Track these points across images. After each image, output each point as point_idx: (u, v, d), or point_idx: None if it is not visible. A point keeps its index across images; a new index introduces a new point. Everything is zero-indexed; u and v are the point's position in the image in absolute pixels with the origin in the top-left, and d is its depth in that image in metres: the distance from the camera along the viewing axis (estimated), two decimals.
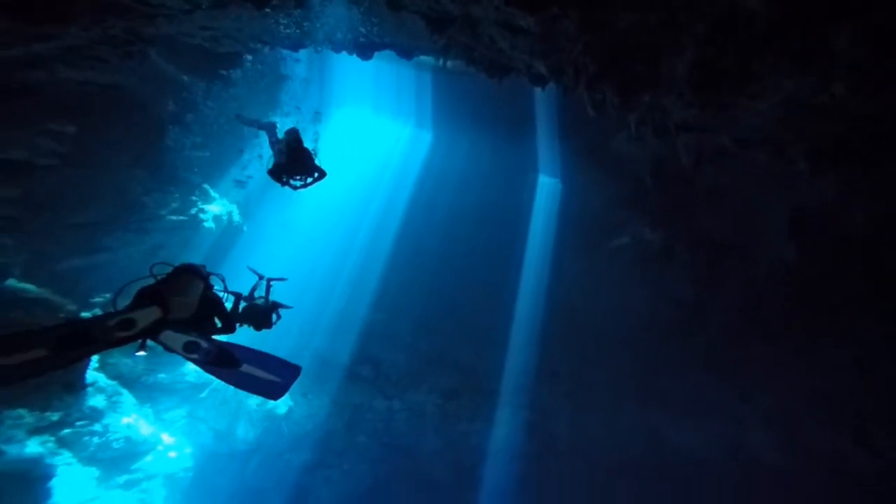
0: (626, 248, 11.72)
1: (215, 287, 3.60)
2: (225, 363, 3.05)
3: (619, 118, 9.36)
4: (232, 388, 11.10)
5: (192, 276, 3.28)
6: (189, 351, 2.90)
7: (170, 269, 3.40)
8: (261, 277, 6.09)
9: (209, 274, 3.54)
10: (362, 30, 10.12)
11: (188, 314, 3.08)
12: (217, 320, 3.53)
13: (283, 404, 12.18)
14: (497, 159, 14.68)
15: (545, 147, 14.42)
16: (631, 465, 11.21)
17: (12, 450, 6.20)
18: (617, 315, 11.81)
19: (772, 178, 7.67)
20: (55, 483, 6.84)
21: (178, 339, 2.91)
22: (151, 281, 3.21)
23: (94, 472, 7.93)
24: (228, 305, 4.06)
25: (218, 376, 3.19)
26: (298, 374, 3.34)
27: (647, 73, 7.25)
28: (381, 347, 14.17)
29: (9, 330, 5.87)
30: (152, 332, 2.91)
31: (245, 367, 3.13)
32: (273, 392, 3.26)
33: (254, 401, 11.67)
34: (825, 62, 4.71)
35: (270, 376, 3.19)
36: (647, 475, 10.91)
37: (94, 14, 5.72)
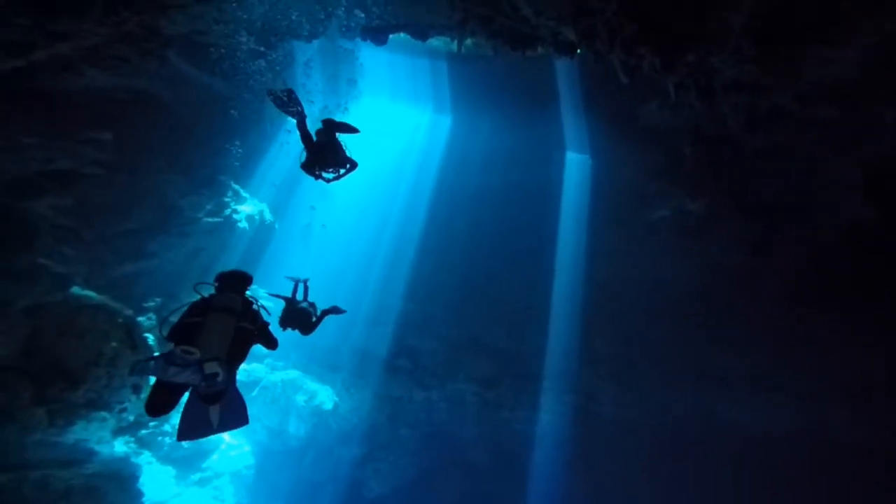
0: (666, 220, 11.46)
1: (254, 305, 3.59)
2: (210, 401, 3.19)
3: (658, 83, 9.05)
4: (280, 386, 11.43)
5: (226, 316, 3.31)
6: (207, 380, 3.03)
7: (211, 290, 3.51)
8: (297, 281, 6.20)
9: (244, 301, 3.50)
10: (375, 10, 10.04)
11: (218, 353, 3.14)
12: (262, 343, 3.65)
13: (328, 400, 12.51)
14: (521, 139, 14.50)
15: (571, 123, 14.16)
16: (686, 447, 11.07)
17: (104, 450, 6.59)
18: (660, 289, 11.61)
19: (839, 135, 7.23)
20: (143, 481, 7.26)
21: (212, 367, 3.08)
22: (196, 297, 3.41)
23: (171, 470, 8.39)
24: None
25: (189, 404, 3.29)
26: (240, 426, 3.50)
27: (692, 31, 6.94)
28: (416, 338, 14.33)
29: (78, 335, 6.12)
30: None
31: (214, 407, 3.26)
32: (189, 433, 3.37)
33: (301, 397, 12.00)
34: None
35: (215, 421, 3.33)
36: (705, 456, 10.74)
37: (105, 6, 5.80)
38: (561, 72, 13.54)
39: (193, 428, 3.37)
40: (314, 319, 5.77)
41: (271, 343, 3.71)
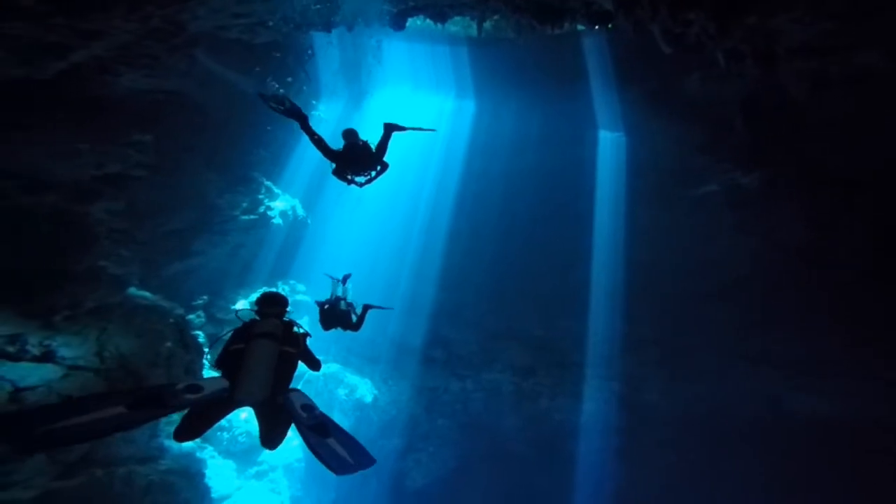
0: (715, 196, 10.98)
1: (294, 328, 3.65)
2: (320, 432, 3.29)
3: (703, 52, 8.54)
4: (322, 380, 11.52)
5: (268, 342, 3.36)
6: (304, 410, 3.20)
7: (252, 315, 3.57)
8: (336, 280, 6.26)
9: (285, 325, 3.56)
10: None
11: (258, 399, 3.19)
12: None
13: (368, 393, 12.70)
14: (549, 120, 14.14)
15: (602, 100, 13.70)
16: (744, 434, 10.70)
17: (173, 446, 6.81)
18: (710, 269, 11.20)
19: None
20: (208, 475, 7.51)
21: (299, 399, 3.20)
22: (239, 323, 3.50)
23: (231, 464, 8.66)
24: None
25: (305, 440, 3.34)
26: (371, 465, 3.47)
27: None
28: (449, 327, 14.34)
29: (137, 335, 6.31)
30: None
31: (332, 441, 3.34)
32: (341, 467, 3.37)
33: (342, 391, 12.21)
34: None
35: (347, 456, 3.37)
36: (765, 444, 10.36)
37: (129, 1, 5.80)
38: (589, 48, 13.10)
39: (338, 460, 3.41)
40: (355, 318, 5.86)
41: (314, 364, 3.80)
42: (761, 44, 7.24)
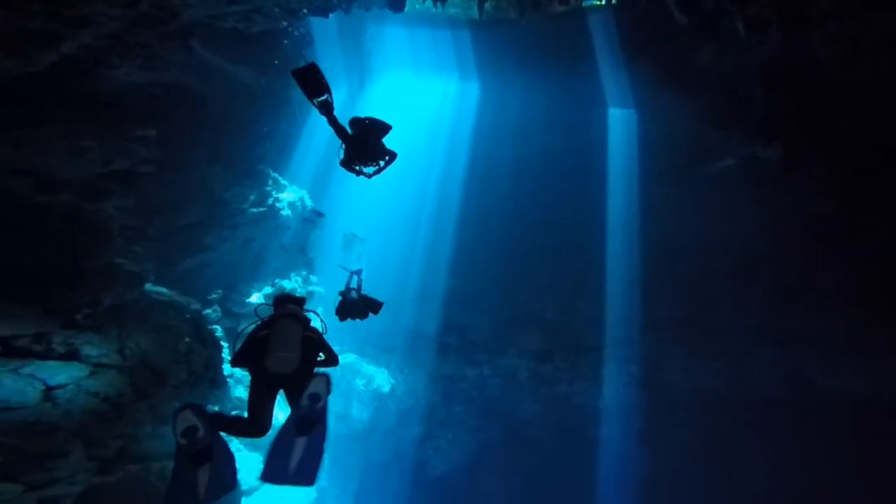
0: (732, 170, 10.77)
1: (312, 322, 3.81)
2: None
3: (718, 23, 8.23)
4: (339, 371, 11.63)
5: (292, 321, 3.55)
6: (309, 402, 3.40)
7: (271, 311, 3.74)
8: (351, 273, 6.37)
9: (306, 315, 3.77)
10: None
11: (289, 369, 3.41)
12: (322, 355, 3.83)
13: (386, 383, 12.76)
14: (555, 101, 13.88)
15: (610, 78, 13.41)
16: (769, 412, 10.65)
17: None
18: (727, 246, 11.07)
19: None
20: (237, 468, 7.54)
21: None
22: (257, 321, 3.63)
23: (258, 457, 8.69)
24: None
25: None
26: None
27: None
28: (462, 313, 14.31)
29: (156, 331, 6.26)
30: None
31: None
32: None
33: (360, 381, 12.25)
34: None
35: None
36: (791, 422, 10.34)
37: None
38: (595, 25, 12.79)
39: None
40: (364, 307, 6.02)
41: (332, 357, 3.87)
42: (787, 9, 6.94)
